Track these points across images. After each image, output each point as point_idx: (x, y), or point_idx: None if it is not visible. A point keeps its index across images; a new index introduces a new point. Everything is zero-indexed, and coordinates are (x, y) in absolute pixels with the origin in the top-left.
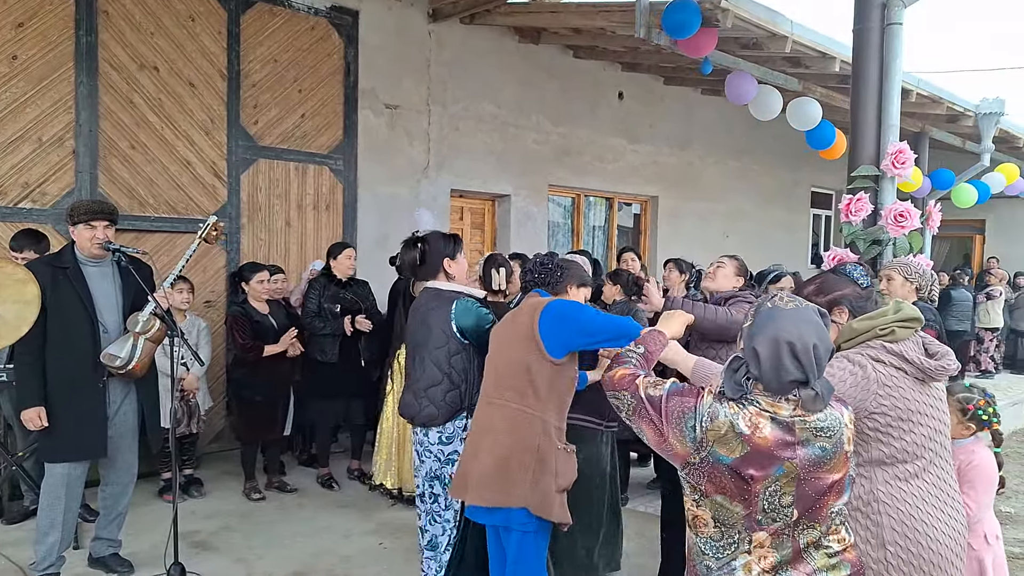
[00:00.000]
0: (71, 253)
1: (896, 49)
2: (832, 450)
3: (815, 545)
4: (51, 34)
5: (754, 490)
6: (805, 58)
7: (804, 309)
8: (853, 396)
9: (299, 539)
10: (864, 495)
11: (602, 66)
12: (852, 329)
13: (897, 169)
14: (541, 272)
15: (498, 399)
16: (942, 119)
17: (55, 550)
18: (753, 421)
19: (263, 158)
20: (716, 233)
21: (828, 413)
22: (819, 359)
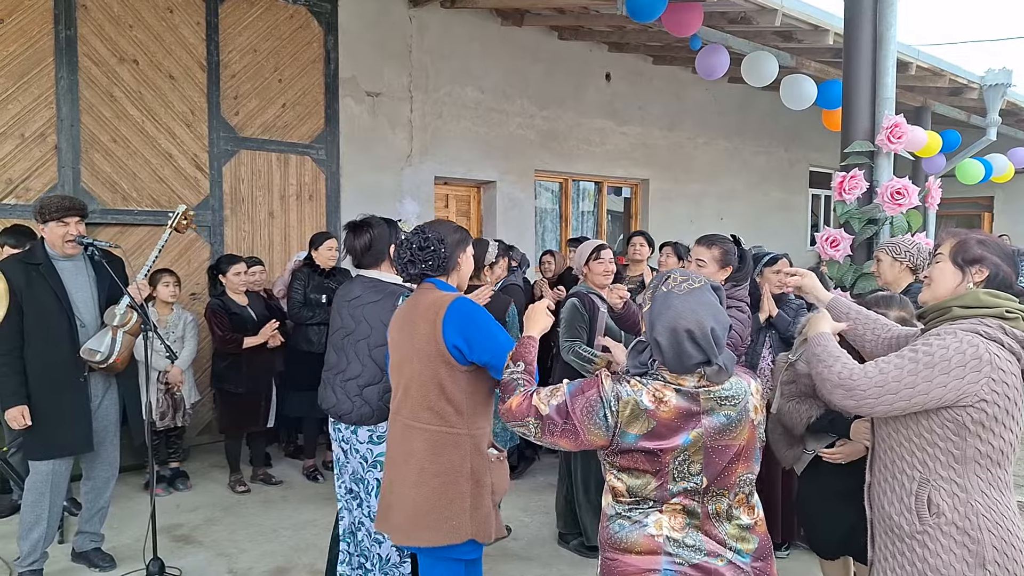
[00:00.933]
0: (42, 250)
1: (890, 18)
2: (737, 418)
3: (726, 516)
4: (30, 29)
5: (664, 461)
6: (797, 32)
7: (698, 290)
8: (960, 376)
9: (282, 532)
10: (960, 507)
11: (588, 47)
12: (977, 298)
13: (893, 144)
14: (427, 258)
15: (415, 422)
16: (944, 92)
17: (40, 545)
18: (656, 395)
19: (245, 149)
20: (710, 215)
21: (733, 382)
22: (717, 340)
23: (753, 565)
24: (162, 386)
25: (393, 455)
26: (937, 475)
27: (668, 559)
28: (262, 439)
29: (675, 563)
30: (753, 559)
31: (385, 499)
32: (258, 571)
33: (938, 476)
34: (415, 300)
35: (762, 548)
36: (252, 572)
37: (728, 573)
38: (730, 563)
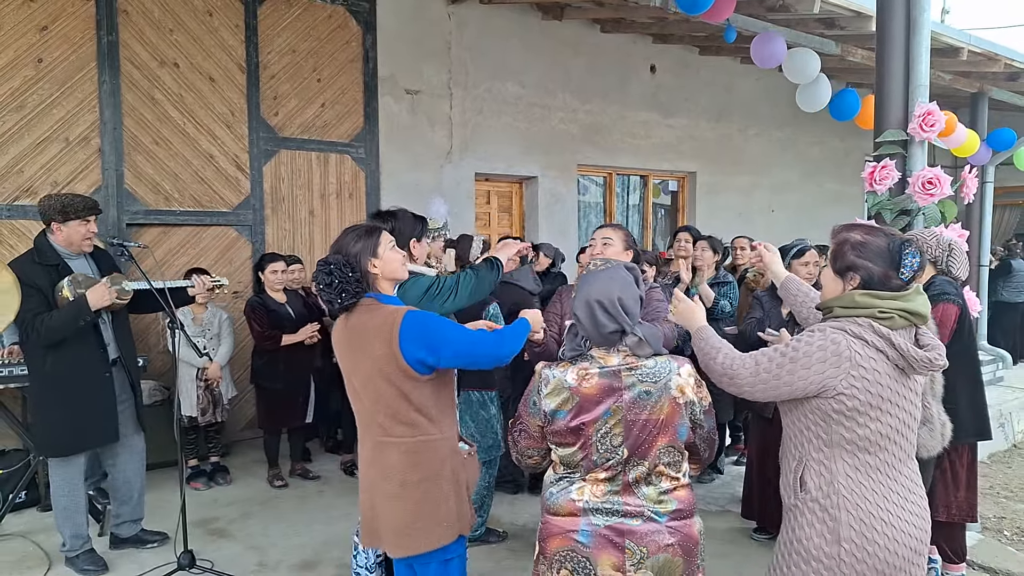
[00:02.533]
0: (52, 250)
1: (923, 3)
2: (656, 394)
3: (644, 481)
4: (73, 36)
5: (588, 434)
6: (839, 18)
7: (611, 269)
8: (821, 371)
9: (315, 527)
10: (824, 486)
11: (631, 39)
12: (853, 300)
13: (925, 132)
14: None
15: (388, 437)
16: (1001, 77)
17: (83, 530)
18: (581, 374)
19: (285, 149)
20: (760, 208)
21: (658, 361)
22: (626, 308)
23: (669, 524)
24: (202, 383)
25: (370, 475)
26: (810, 457)
27: (585, 520)
28: (301, 434)
29: (591, 524)
30: (670, 519)
31: (368, 516)
32: (287, 564)
33: (811, 458)
34: (361, 321)
35: (680, 510)
36: (281, 565)
37: (643, 530)
38: (647, 521)
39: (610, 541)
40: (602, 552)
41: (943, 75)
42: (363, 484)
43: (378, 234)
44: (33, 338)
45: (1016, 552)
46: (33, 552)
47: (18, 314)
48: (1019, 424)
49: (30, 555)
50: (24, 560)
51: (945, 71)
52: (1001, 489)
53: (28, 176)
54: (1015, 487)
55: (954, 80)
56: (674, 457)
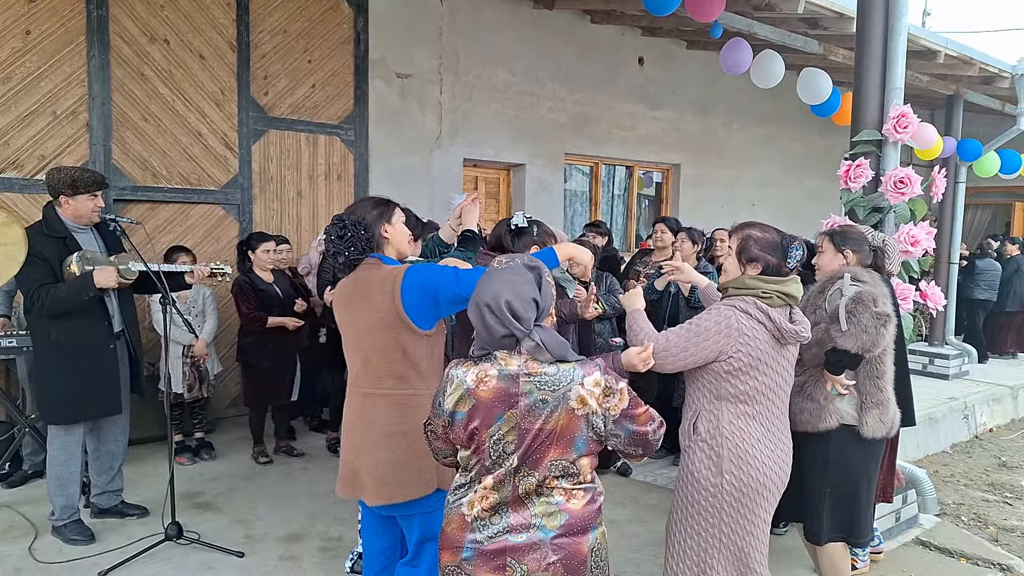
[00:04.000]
0: (60, 223)
1: (901, 7)
2: (553, 403)
3: (536, 492)
4: (63, 9)
5: (481, 439)
6: (822, 19)
7: (508, 268)
8: (717, 341)
9: (300, 501)
10: (712, 429)
11: (621, 31)
12: (743, 282)
13: (899, 133)
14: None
15: (376, 389)
16: (976, 81)
17: (74, 501)
18: (480, 375)
19: (274, 129)
20: (743, 201)
21: (561, 368)
22: (515, 312)
23: (554, 540)
24: (188, 359)
25: (355, 423)
26: (703, 407)
27: (471, 536)
28: (286, 412)
29: (475, 541)
30: (556, 535)
31: (350, 466)
32: (273, 537)
33: (703, 408)
34: (364, 276)
35: (570, 524)
36: (267, 538)
37: (525, 546)
38: (531, 538)
39: (491, 559)
40: (482, 570)
41: (920, 77)
42: (347, 437)
43: (394, 206)
44: (37, 308)
45: (972, 536)
46: (19, 522)
47: (23, 282)
48: (982, 417)
49: (16, 525)
50: (11, 529)
51: (922, 73)
52: (961, 477)
53: (14, 149)
54: (974, 476)
55: (931, 82)
56: (569, 470)
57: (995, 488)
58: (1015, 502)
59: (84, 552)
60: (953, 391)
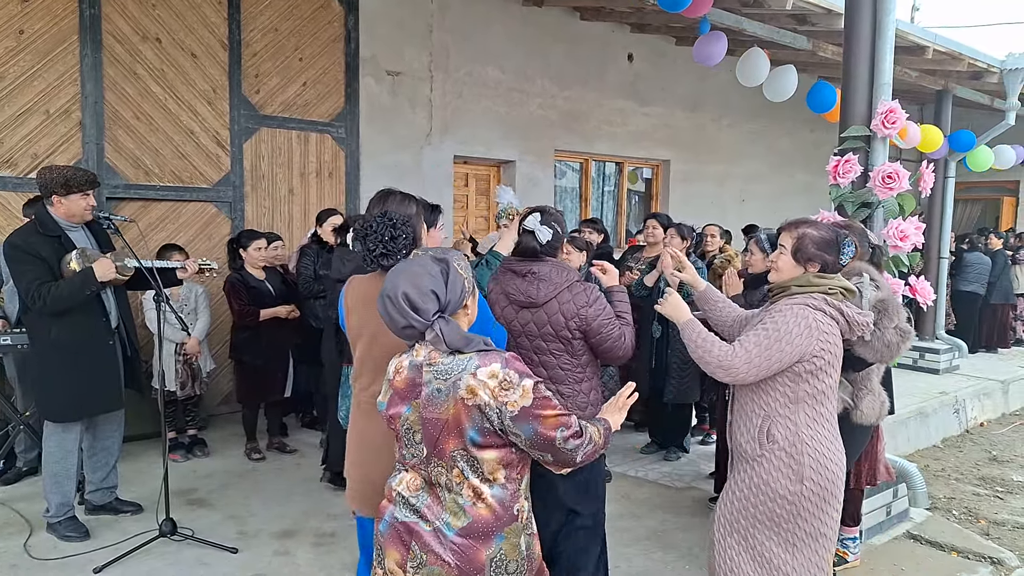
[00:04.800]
0: (53, 221)
1: (889, 4)
2: (445, 392)
3: (447, 488)
4: (56, 8)
5: (396, 428)
6: (811, 15)
7: (414, 261)
8: (800, 343)
9: (293, 498)
10: (790, 436)
11: (610, 28)
12: (808, 280)
13: (887, 129)
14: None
15: None
16: (965, 76)
17: (70, 498)
18: (397, 366)
19: (265, 127)
20: (732, 197)
21: (456, 358)
22: (413, 304)
23: (454, 540)
24: (180, 357)
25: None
26: (776, 412)
27: (390, 511)
28: (278, 409)
29: (392, 515)
30: (457, 534)
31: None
32: (267, 533)
33: (777, 413)
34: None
35: (472, 528)
36: (261, 534)
37: (429, 540)
38: (435, 532)
39: (400, 536)
40: (390, 545)
41: (909, 72)
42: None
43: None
44: (39, 306)
45: (962, 529)
46: (14, 519)
47: (21, 282)
48: (972, 411)
49: (11, 521)
50: (6, 526)
51: (912, 68)
52: (952, 471)
53: (7, 147)
54: (965, 470)
55: (920, 77)
56: (472, 463)
57: (986, 482)
58: (1006, 496)
59: (79, 548)
60: (944, 385)
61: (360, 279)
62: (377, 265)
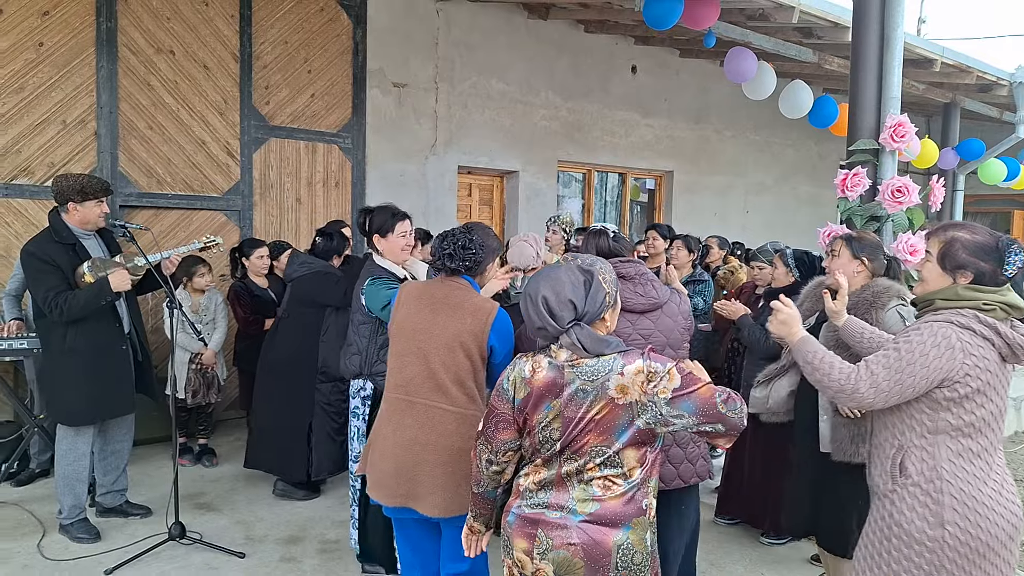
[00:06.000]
0: (67, 229)
1: (897, 18)
2: (592, 392)
3: (577, 478)
4: (74, 21)
5: (531, 424)
6: (817, 28)
7: (560, 268)
8: (938, 366)
9: (298, 504)
10: (926, 471)
11: (614, 40)
12: (956, 293)
13: (896, 143)
14: (466, 258)
15: (447, 405)
16: (973, 88)
17: (82, 500)
18: (535, 366)
19: (274, 137)
20: (736, 208)
21: (601, 360)
22: (550, 310)
23: (580, 524)
24: (194, 366)
25: (415, 435)
26: (911, 443)
27: (517, 504)
28: None
29: (519, 507)
30: (584, 519)
31: (404, 477)
32: (273, 538)
33: (912, 444)
34: (454, 293)
35: (600, 515)
36: (267, 539)
37: (555, 523)
38: (562, 518)
39: (525, 527)
40: (517, 535)
41: (917, 85)
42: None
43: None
44: (56, 315)
45: None
46: (28, 520)
47: (37, 289)
48: None
49: (24, 522)
50: (19, 527)
51: (919, 81)
52: None
53: (26, 156)
54: None
55: (927, 90)
56: (611, 459)
57: None
58: None
59: (90, 550)
60: None
61: (415, 283)
62: (442, 266)
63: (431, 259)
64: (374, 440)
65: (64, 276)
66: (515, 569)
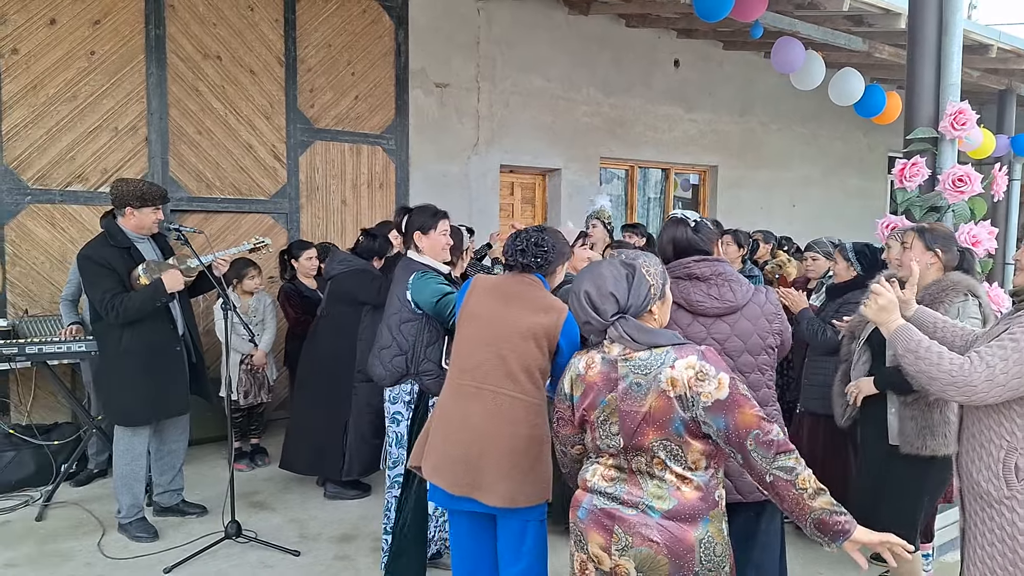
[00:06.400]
0: (122, 233)
1: (956, 3)
2: (646, 385)
3: (648, 474)
4: (123, 29)
5: (590, 420)
6: (868, 16)
7: (603, 263)
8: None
9: (351, 502)
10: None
11: (656, 34)
12: None
13: (957, 131)
14: (538, 255)
15: (516, 393)
16: None
17: (140, 500)
18: (588, 362)
19: (319, 140)
20: (782, 203)
21: (653, 353)
22: (593, 304)
23: (660, 522)
24: (245, 367)
25: (481, 423)
26: (1020, 444)
27: (588, 499)
28: None
29: (591, 503)
30: (663, 516)
31: (472, 465)
32: (326, 536)
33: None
34: (527, 289)
35: (679, 511)
36: (321, 537)
37: (633, 520)
38: (640, 515)
39: (600, 522)
40: (592, 530)
41: (971, 72)
42: (462, 434)
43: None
44: (112, 316)
45: None
46: (87, 519)
47: (94, 292)
48: None
49: (84, 521)
50: (80, 526)
51: (974, 68)
52: None
53: (80, 163)
54: None
55: (982, 77)
56: (675, 452)
57: None
58: None
59: (149, 549)
60: None
61: (487, 276)
62: (515, 262)
63: (503, 256)
64: (437, 425)
65: (120, 279)
66: (590, 564)
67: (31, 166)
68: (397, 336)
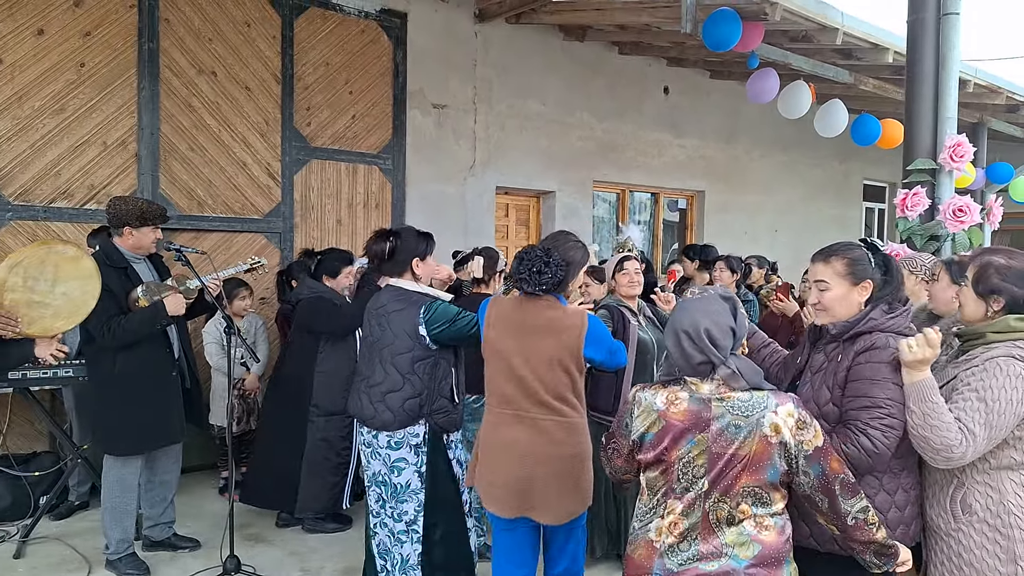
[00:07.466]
0: (118, 253)
1: (953, 39)
2: (747, 429)
3: (727, 521)
4: (115, 42)
5: (670, 460)
6: (856, 50)
7: (705, 298)
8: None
9: (351, 535)
10: (992, 506)
11: (647, 62)
12: (1008, 324)
13: (955, 162)
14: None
15: (551, 416)
16: (1001, 109)
17: (130, 534)
18: (671, 398)
19: (315, 159)
20: (765, 228)
21: (754, 395)
22: (713, 340)
23: (748, 571)
24: (237, 392)
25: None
26: (972, 480)
27: (659, 564)
28: None
29: (664, 568)
30: (750, 564)
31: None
32: (329, 570)
33: (973, 480)
34: (543, 311)
35: (764, 556)
36: (323, 571)
37: (719, 574)
38: (721, 568)
39: None
40: None
41: None
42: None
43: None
44: (107, 339)
45: None
46: (71, 556)
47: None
48: None
49: (69, 558)
50: (64, 563)
51: None
52: None
53: (65, 179)
54: None
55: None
56: (761, 498)
57: None
58: None
59: None
60: None
61: (502, 300)
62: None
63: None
64: (484, 453)
65: (116, 300)
66: None
67: (13, 181)
68: (411, 377)
